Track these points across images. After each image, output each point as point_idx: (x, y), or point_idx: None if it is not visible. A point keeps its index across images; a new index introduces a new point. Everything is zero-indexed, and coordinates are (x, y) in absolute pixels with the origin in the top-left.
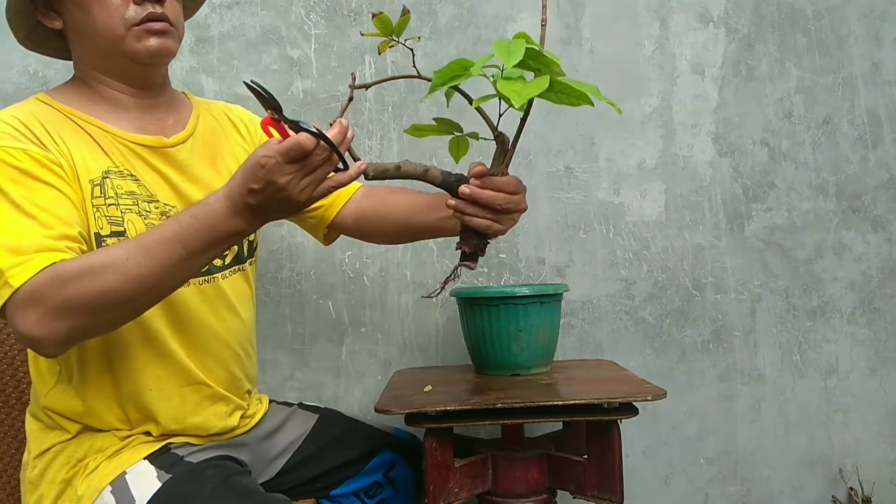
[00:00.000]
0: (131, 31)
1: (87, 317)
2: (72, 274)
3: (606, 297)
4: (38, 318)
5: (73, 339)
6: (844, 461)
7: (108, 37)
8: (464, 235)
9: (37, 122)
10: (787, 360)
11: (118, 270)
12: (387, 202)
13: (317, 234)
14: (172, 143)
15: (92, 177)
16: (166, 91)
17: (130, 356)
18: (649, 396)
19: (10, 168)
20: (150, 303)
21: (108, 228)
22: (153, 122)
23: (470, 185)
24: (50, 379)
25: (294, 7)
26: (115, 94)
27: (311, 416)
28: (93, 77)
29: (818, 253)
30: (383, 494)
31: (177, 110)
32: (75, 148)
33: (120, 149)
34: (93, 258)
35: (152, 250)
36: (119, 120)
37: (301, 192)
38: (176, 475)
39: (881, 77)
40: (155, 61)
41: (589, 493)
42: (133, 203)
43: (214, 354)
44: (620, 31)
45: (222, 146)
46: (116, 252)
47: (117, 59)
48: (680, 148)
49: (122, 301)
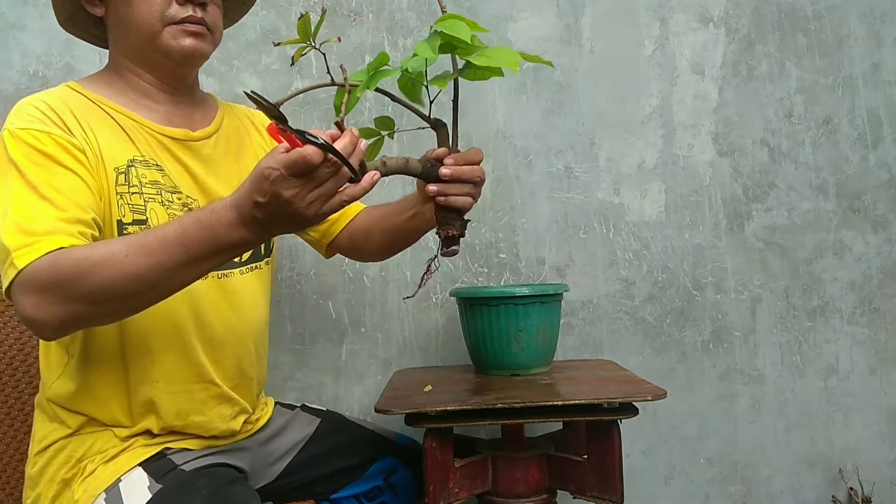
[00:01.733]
0: (168, 29)
1: (82, 306)
2: (72, 263)
3: (606, 297)
4: (36, 302)
5: (70, 325)
6: (844, 461)
7: (146, 30)
8: (446, 219)
9: (66, 108)
10: (787, 360)
11: (116, 266)
12: (370, 215)
13: (319, 248)
14: (198, 137)
15: (117, 164)
16: (195, 90)
17: (144, 346)
18: (649, 396)
19: (32, 150)
20: (148, 301)
21: (131, 216)
22: (180, 116)
23: (446, 164)
24: (58, 367)
25: (294, 7)
26: (146, 87)
27: (314, 420)
28: (126, 67)
29: (818, 253)
30: (383, 498)
31: (203, 108)
32: (102, 135)
33: (147, 139)
34: (94, 250)
35: (153, 250)
36: (148, 111)
37: (308, 206)
38: (167, 486)
39: (881, 77)
40: (187, 61)
41: (589, 493)
42: (157, 192)
43: (227, 351)
44: (620, 31)
45: (245, 145)
46: (118, 247)
47: (152, 53)
48: (680, 148)
49: (117, 296)
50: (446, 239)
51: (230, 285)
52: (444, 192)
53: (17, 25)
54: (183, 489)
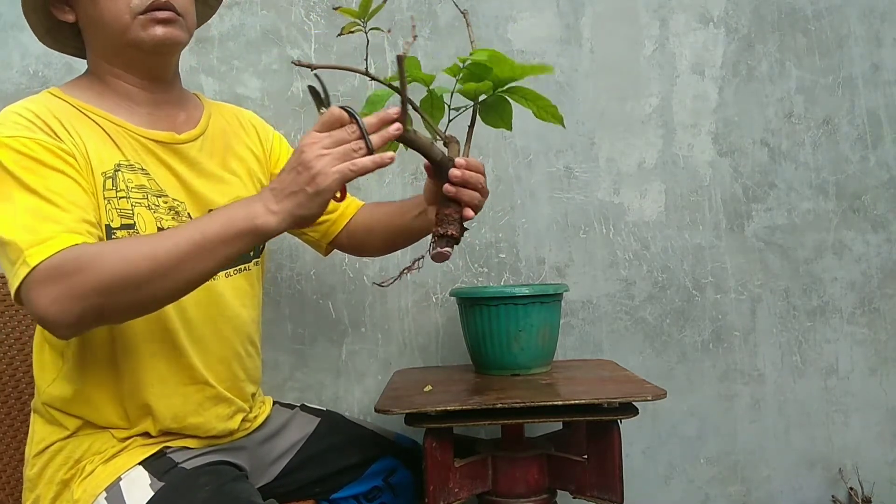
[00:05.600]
0: (137, 20)
1: (100, 298)
2: (85, 255)
3: (606, 297)
4: (54, 298)
5: (87, 321)
6: (844, 461)
7: (115, 26)
8: (447, 220)
9: (50, 114)
10: (787, 360)
11: (133, 251)
12: (373, 213)
13: (318, 248)
14: (184, 140)
15: (104, 169)
16: (177, 87)
17: (136, 351)
18: (649, 396)
19: (23, 157)
20: (166, 290)
21: (119, 221)
22: (164, 118)
23: (458, 165)
24: (52, 372)
25: (294, 7)
26: (127, 88)
27: (313, 420)
28: (105, 70)
29: (818, 253)
30: (383, 498)
31: (188, 108)
32: (89, 140)
33: (131, 143)
34: (108, 244)
35: (170, 234)
36: (130, 114)
37: (319, 158)
38: (169, 483)
39: (881, 77)
40: (161, 50)
41: (589, 493)
42: (143, 197)
43: (218, 353)
44: (620, 31)
45: (232, 146)
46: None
47: (125, 49)
48: (680, 148)
49: (134, 283)
50: (442, 237)
51: (217, 288)
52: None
53: (17, 25)
54: (186, 486)
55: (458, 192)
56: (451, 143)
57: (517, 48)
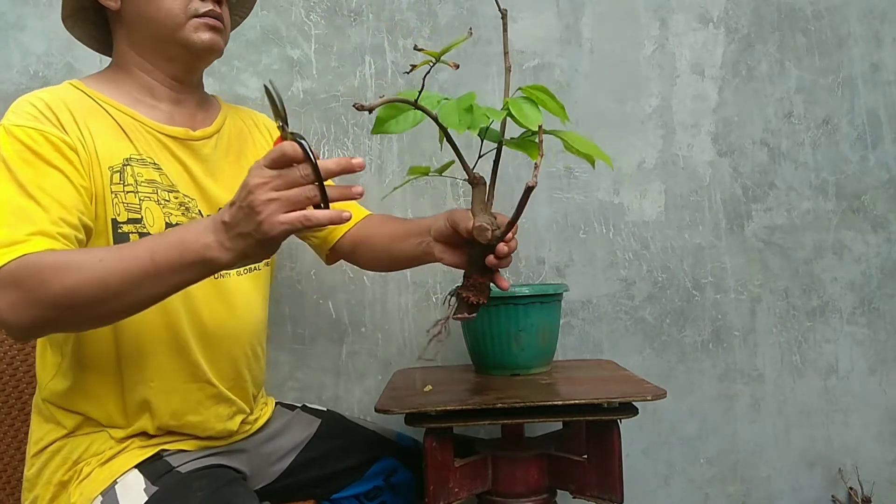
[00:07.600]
0: (191, 22)
1: (50, 311)
2: (44, 266)
3: (606, 297)
4: (10, 303)
5: (39, 329)
6: (844, 461)
7: (169, 23)
8: (479, 287)
9: (63, 105)
10: (786, 359)
11: (86, 270)
12: (379, 229)
13: (320, 253)
14: (198, 137)
15: (112, 163)
16: (199, 90)
17: (139, 346)
18: (649, 396)
19: (24, 148)
20: (117, 311)
21: (126, 215)
22: (183, 115)
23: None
24: (53, 367)
25: (294, 7)
26: (152, 84)
27: (314, 421)
28: (134, 63)
29: (818, 253)
30: (383, 498)
31: (206, 108)
32: (99, 135)
33: (146, 137)
34: (70, 255)
35: (125, 257)
36: (150, 109)
37: (266, 203)
38: (163, 488)
39: (881, 77)
40: (205, 55)
41: (589, 493)
42: (153, 191)
43: (223, 351)
44: (620, 31)
45: (247, 148)
46: (95, 253)
47: (171, 46)
48: (680, 148)
49: (83, 302)
50: (471, 306)
51: (226, 286)
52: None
53: (18, 25)
54: (179, 491)
55: (500, 263)
56: (479, 184)
57: (517, 48)
